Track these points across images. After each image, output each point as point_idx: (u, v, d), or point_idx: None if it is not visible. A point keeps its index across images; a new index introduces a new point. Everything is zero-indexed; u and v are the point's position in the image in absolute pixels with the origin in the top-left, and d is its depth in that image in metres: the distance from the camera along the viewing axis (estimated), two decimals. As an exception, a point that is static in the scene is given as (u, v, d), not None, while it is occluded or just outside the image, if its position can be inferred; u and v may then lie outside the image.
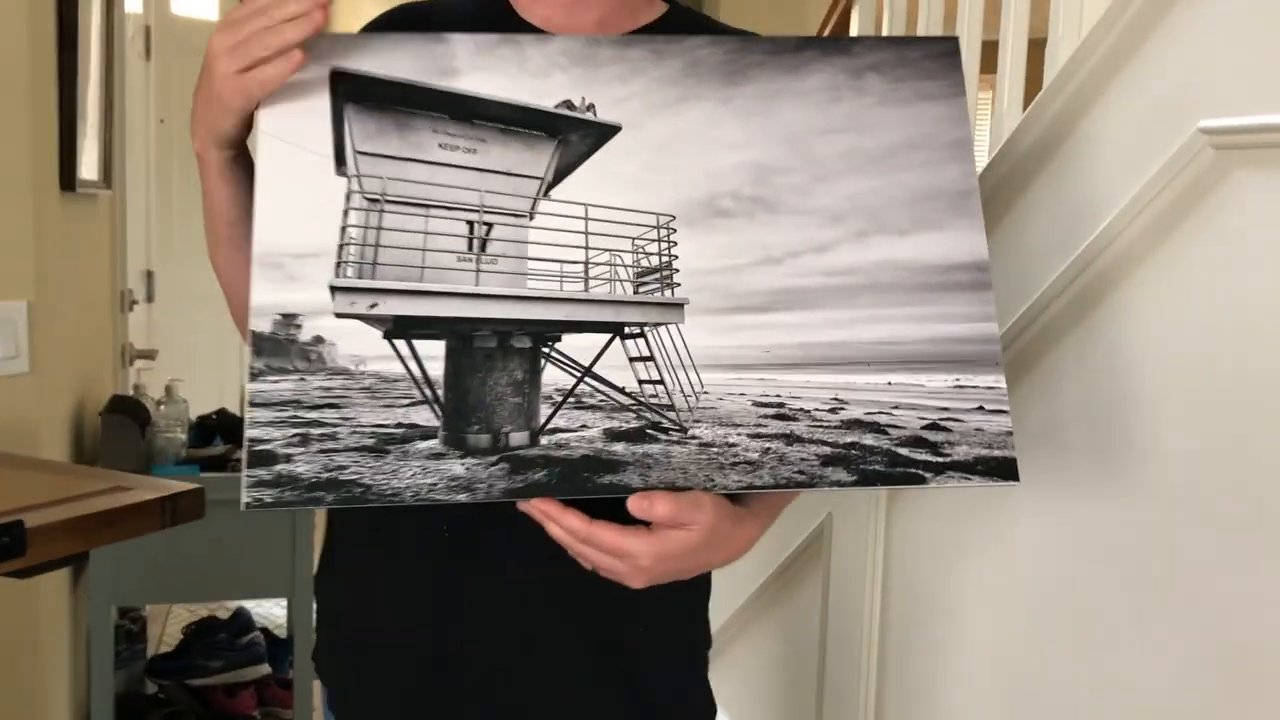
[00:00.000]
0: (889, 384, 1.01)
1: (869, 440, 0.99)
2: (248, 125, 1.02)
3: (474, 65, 1.04)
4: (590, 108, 1.04)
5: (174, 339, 3.64)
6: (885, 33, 2.35)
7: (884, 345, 1.01)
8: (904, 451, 0.99)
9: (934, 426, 1.00)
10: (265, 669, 2.93)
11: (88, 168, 2.64)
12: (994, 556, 1.48)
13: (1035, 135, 1.34)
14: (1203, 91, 1.14)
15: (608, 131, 1.04)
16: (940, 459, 0.98)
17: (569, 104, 1.04)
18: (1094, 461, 1.29)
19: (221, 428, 2.87)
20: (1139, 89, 1.21)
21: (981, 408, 1.01)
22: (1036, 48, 1.45)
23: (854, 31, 2.68)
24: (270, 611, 3.55)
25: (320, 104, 1.01)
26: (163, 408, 2.75)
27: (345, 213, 0.99)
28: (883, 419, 1.00)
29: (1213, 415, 1.18)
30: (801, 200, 1.04)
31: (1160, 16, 1.17)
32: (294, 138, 1.00)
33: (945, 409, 1.01)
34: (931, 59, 1.09)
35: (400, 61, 1.03)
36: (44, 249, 2.20)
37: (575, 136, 1.04)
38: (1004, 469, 0.99)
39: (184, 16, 4.20)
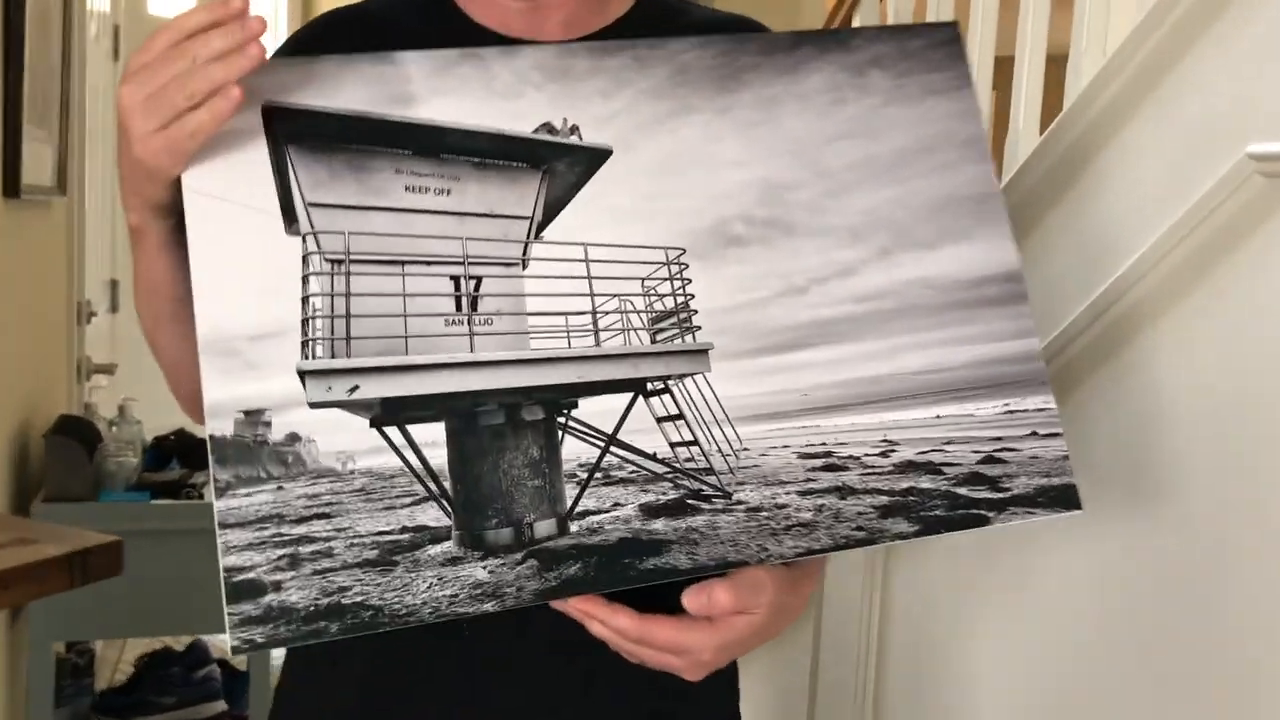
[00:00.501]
0: (937, 417, 0.92)
1: (926, 483, 0.89)
2: None
3: (433, 89, 0.88)
4: (574, 130, 0.90)
5: (139, 350, 3.28)
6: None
7: (927, 375, 0.92)
8: (963, 491, 0.90)
9: (990, 459, 0.92)
10: (220, 706, 2.72)
11: (38, 173, 2.40)
12: (1010, 603, 1.38)
13: (1054, 159, 1.23)
14: (1252, 112, 1.04)
15: (598, 156, 0.91)
16: (1001, 494, 0.90)
17: (550, 127, 0.90)
18: (1124, 504, 1.20)
19: (179, 450, 2.67)
20: (1177, 109, 1.10)
21: (1034, 433, 0.93)
22: (1055, 65, 1.35)
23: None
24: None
25: (255, 149, 0.84)
26: (114, 429, 2.51)
27: (305, 279, 0.83)
28: (937, 457, 0.91)
29: (1259, 460, 1.10)
30: (818, 219, 0.93)
31: (1204, 28, 1.06)
32: (229, 193, 0.83)
33: (998, 438, 0.92)
34: (934, 48, 0.99)
35: (345, 90, 0.87)
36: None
37: (562, 165, 0.90)
38: (1065, 498, 0.91)
39: (160, 16, 3.79)
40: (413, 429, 0.83)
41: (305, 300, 0.82)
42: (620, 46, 0.93)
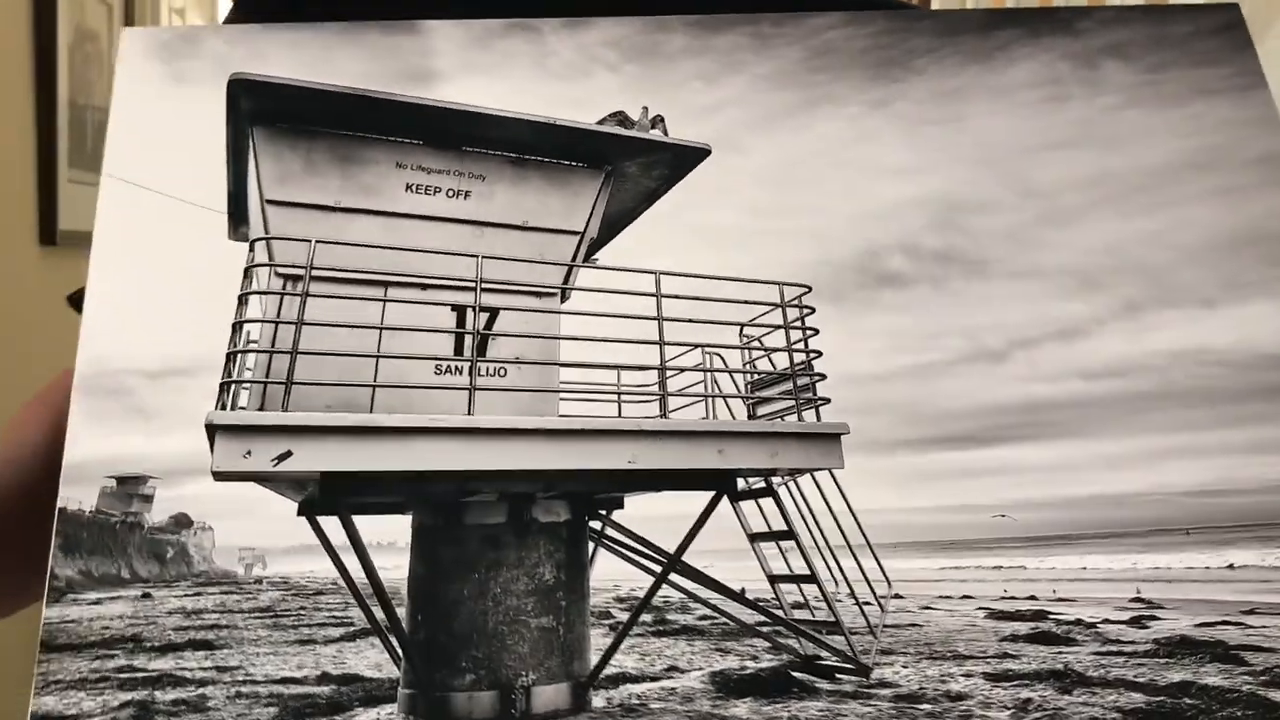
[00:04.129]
0: (1230, 567, 0.56)
1: (1213, 678, 0.52)
2: None
3: (465, 64, 0.64)
4: (657, 122, 0.63)
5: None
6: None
7: (1208, 498, 0.56)
8: (1283, 697, 0.52)
9: (1330, 645, 0.54)
10: None
11: (78, 218, 2.33)
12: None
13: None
14: None
15: (690, 157, 0.63)
16: (1355, 708, 0.52)
17: (622, 117, 0.63)
18: None
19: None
20: None
21: (1406, 606, 0.55)
22: None
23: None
24: None
25: (206, 130, 0.61)
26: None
27: (240, 299, 0.57)
28: (1231, 635, 0.54)
29: None
30: (1024, 254, 0.61)
31: None
32: (158, 181, 0.59)
33: (1342, 610, 0.55)
34: (1204, 37, 0.67)
35: (339, 62, 0.63)
36: (14, 309, 1.92)
37: (635, 167, 0.63)
38: None
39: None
40: (361, 523, 0.53)
41: (236, 327, 0.56)
42: (734, 20, 0.66)
